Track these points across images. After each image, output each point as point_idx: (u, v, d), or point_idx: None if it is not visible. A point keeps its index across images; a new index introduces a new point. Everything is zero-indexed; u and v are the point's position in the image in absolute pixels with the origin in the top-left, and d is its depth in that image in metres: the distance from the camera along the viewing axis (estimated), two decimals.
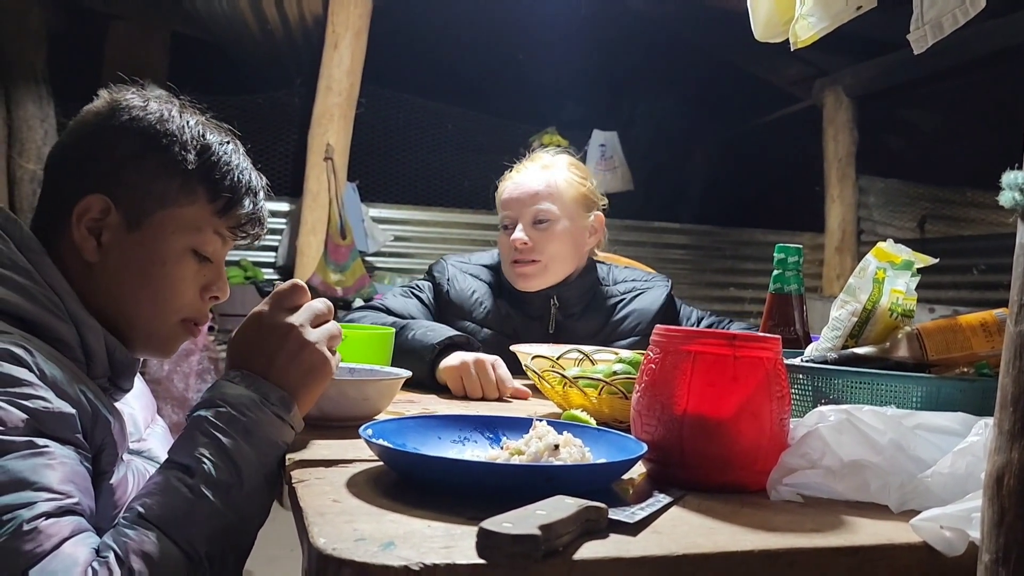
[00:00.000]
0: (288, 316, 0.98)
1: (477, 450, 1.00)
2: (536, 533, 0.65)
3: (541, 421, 0.97)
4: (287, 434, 0.95)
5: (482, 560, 0.65)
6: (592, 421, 1.11)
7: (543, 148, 2.00)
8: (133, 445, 1.12)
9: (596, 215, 1.91)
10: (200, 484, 0.86)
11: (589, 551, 0.70)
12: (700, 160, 7.07)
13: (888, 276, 1.11)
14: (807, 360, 1.11)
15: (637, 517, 0.77)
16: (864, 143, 5.62)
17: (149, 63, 5.08)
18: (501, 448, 0.97)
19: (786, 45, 1.44)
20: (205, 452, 0.88)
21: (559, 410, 1.30)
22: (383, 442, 0.88)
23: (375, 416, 1.17)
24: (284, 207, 5.21)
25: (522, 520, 0.67)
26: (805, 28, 1.31)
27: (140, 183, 1.04)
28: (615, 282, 1.95)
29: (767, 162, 6.67)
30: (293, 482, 0.89)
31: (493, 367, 1.48)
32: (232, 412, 0.91)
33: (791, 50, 1.37)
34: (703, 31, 5.45)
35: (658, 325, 0.97)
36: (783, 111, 6.27)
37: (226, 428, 0.90)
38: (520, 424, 1.02)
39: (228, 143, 1.11)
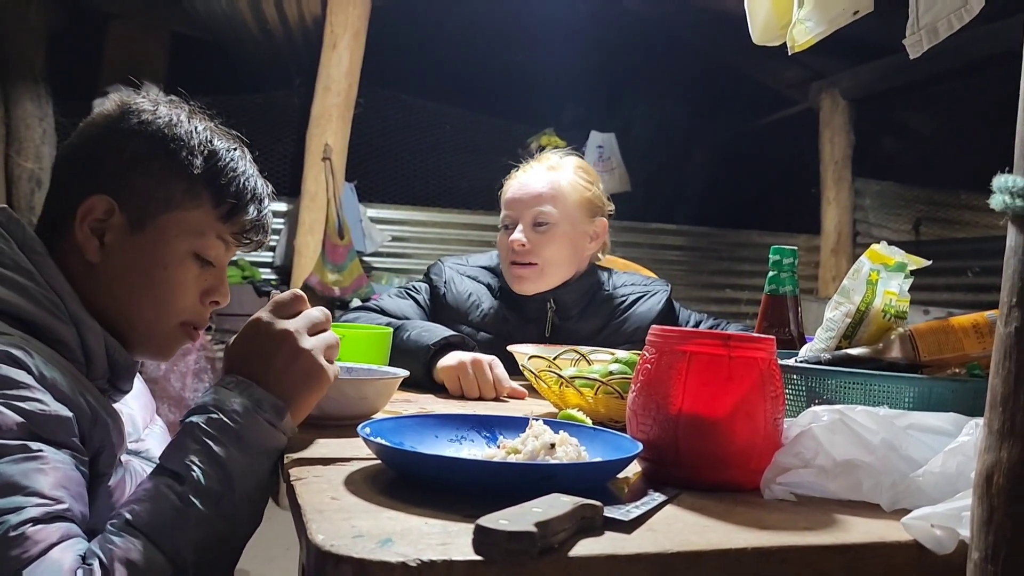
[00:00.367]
0: (285, 323, 0.98)
1: (474, 449, 1.01)
2: (532, 530, 0.66)
3: (537, 420, 0.98)
4: (279, 441, 0.94)
5: (479, 557, 0.66)
6: (588, 421, 1.12)
7: (553, 149, 1.99)
8: (131, 445, 1.12)
9: (600, 220, 1.89)
10: (189, 492, 0.86)
11: (584, 548, 0.71)
12: (697, 162, 7.09)
13: (881, 278, 1.12)
14: (801, 361, 1.12)
15: (632, 515, 0.78)
16: (860, 146, 5.63)
17: (148, 62, 5.09)
18: (498, 447, 0.98)
19: (783, 48, 1.45)
20: (195, 459, 0.88)
21: (556, 410, 1.31)
22: (381, 440, 0.89)
23: (373, 415, 1.18)
24: (282, 207, 5.22)
25: (518, 517, 0.67)
26: (802, 32, 1.32)
27: (146, 186, 1.05)
28: (615, 287, 1.94)
29: (764, 164, 6.69)
30: (292, 480, 0.90)
31: (490, 367, 1.49)
32: (224, 419, 0.90)
33: (788, 54, 1.39)
34: (701, 33, 5.47)
35: (654, 326, 0.98)
36: (780, 113, 6.28)
37: (217, 435, 0.89)
38: (517, 423, 1.03)
39: (235, 149, 1.12)
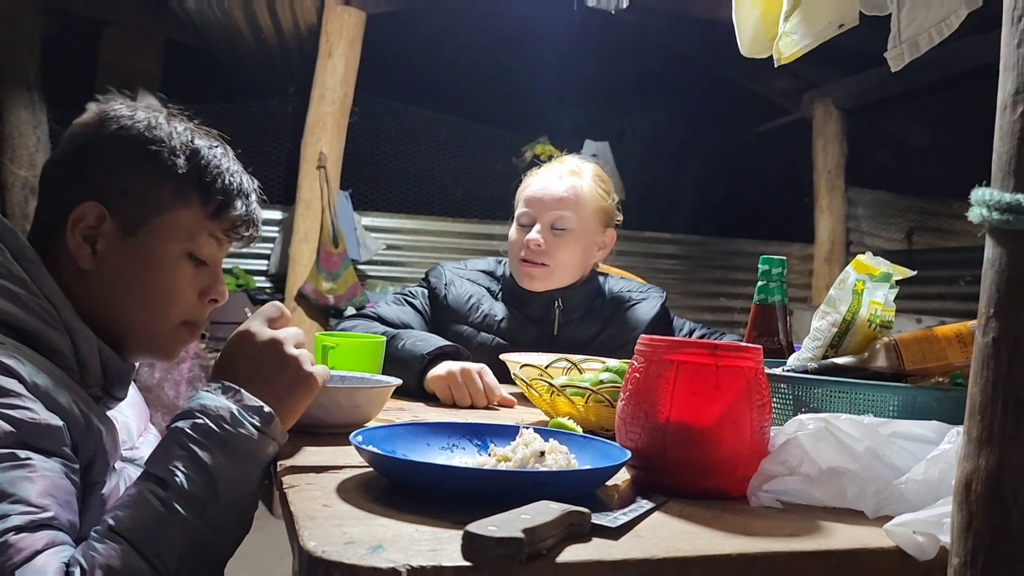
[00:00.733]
0: (273, 332, 0.99)
1: (465, 456, 1.02)
2: (520, 536, 0.67)
3: (528, 428, 0.99)
4: (268, 447, 0.94)
5: (467, 562, 0.67)
6: (578, 429, 1.13)
7: (574, 154, 2.03)
8: (126, 453, 1.12)
9: (610, 231, 1.94)
10: (172, 498, 0.86)
11: (572, 554, 0.72)
12: (691, 170, 7.11)
13: (867, 288, 1.14)
14: (788, 369, 1.13)
15: (619, 522, 0.79)
16: (853, 155, 5.66)
17: (143, 70, 5.10)
18: (489, 455, 0.99)
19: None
20: (179, 465, 0.87)
21: (547, 418, 1.33)
22: (373, 448, 0.90)
23: (365, 423, 1.19)
24: (277, 215, 5.22)
25: (507, 524, 0.69)
26: (788, 45, 1.34)
27: (133, 190, 1.06)
28: (610, 291, 1.97)
29: (757, 173, 6.72)
30: (284, 487, 0.90)
31: (480, 375, 1.50)
32: (209, 424, 0.90)
33: (775, 66, 1.41)
34: (694, 43, 5.50)
35: (643, 336, 0.99)
36: (773, 123, 6.31)
37: (203, 440, 0.89)
38: (508, 431, 1.04)
39: (217, 147, 1.12)
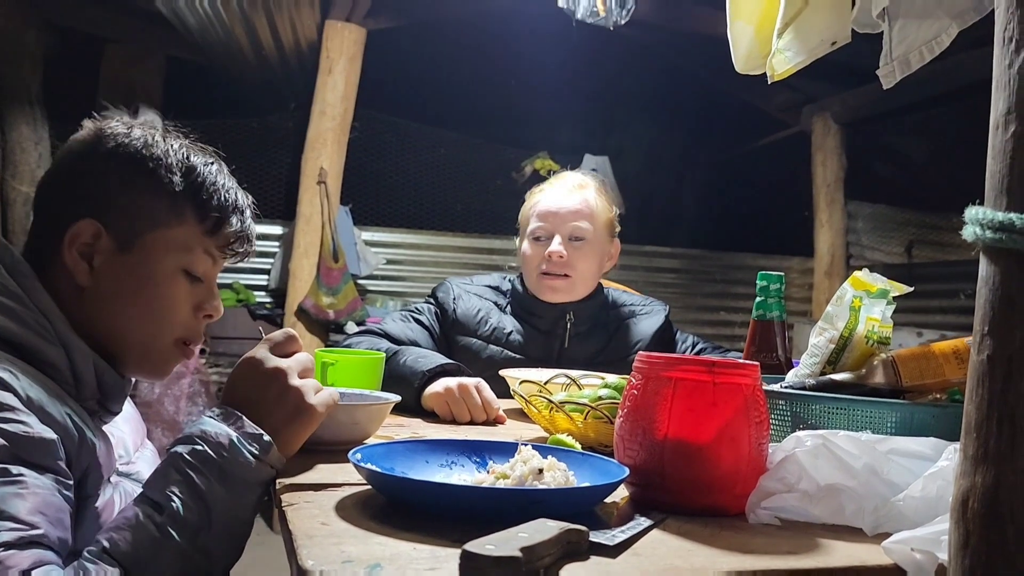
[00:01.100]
0: (278, 361, 1.00)
1: (464, 474, 1.02)
2: (517, 555, 0.67)
3: (526, 445, 0.99)
4: (265, 474, 0.95)
5: None
6: (577, 445, 1.13)
7: (574, 170, 2.07)
8: (122, 468, 1.13)
9: (615, 241, 1.99)
10: (168, 523, 0.87)
11: (570, 573, 0.72)
12: (691, 184, 7.13)
13: (864, 304, 1.14)
14: (786, 386, 1.14)
15: (617, 539, 0.79)
16: (852, 169, 5.67)
17: (144, 86, 5.12)
18: (487, 472, 0.99)
19: None
20: (176, 490, 0.89)
21: (546, 434, 1.33)
22: (371, 466, 0.91)
23: (364, 440, 1.19)
24: (277, 230, 5.23)
25: (504, 542, 0.69)
26: (782, 62, 1.35)
27: (129, 207, 1.06)
28: (614, 305, 2.00)
29: (757, 187, 6.73)
30: (283, 505, 0.91)
31: (477, 389, 1.50)
32: (208, 451, 0.92)
33: (769, 83, 1.42)
34: (693, 58, 5.52)
35: (640, 352, 1.00)
36: (772, 136, 6.33)
37: (200, 467, 0.91)
38: (507, 448, 1.04)
39: (213, 164, 1.13)
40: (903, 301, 1.20)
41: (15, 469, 0.85)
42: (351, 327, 4.59)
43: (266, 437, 0.95)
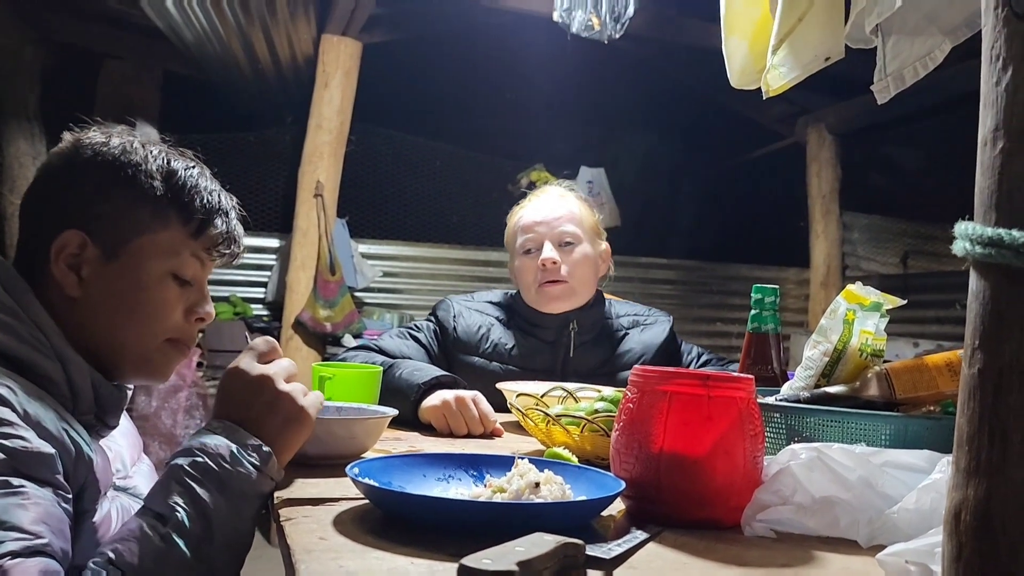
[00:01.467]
0: (262, 368, 1.01)
1: (461, 487, 1.02)
2: (514, 569, 0.67)
3: (523, 459, 1.00)
4: (265, 485, 0.96)
5: None
6: (574, 458, 1.14)
7: (545, 183, 2.08)
8: (119, 482, 1.13)
9: (605, 246, 1.99)
10: (172, 533, 0.87)
11: None
12: (687, 196, 7.15)
13: (858, 317, 1.15)
14: (781, 399, 1.14)
15: (613, 553, 0.80)
16: (847, 180, 5.70)
17: (141, 101, 5.13)
18: (484, 486, 1.00)
19: None
20: (179, 501, 0.90)
21: (543, 447, 1.33)
22: (369, 481, 0.91)
23: (362, 454, 1.20)
24: (274, 243, 5.24)
25: (501, 557, 0.69)
26: (776, 77, 1.36)
27: (112, 214, 1.07)
28: (617, 315, 2.00)
29: (753, 198, 6.75)
30: (281, 520, 0.91)
31: (474, 402, 1.51)
32: (208, 463, 0.92)
33: (763, 98, 1.43)
34: (688, 70, 5.55)
35: (636, 366, 1.00)
36: (768, 148, 6.36)
37: (201, 478, 0.91)
38: (504, 462, 1.05)
39: (194, 167, 1.13)
40: (899, 312, 1.21)
41: (16, 481, 0.86)
42: (348, 340, 4.59)
43: (265, 448, 0.96)
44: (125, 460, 1.19)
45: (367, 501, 0.95)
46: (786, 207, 6.22)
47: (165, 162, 1.10)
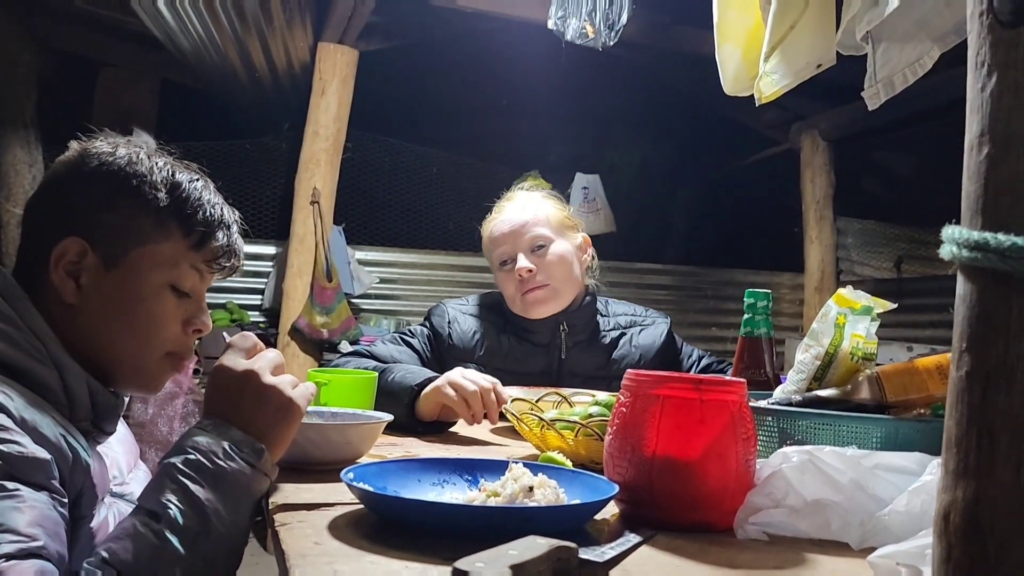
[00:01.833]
0: (246, 364, 1.01)
1: (456, 492, 1.03)
2: (507, 572, 0.68)
3: (517, 463, 1.00)
4: (259, 482, 0.96)
5: None
6: (568, 463, 1.14)
7: (517, 187, 2.07)
8: (116, 488, 1.13)
9: (583, 236, 1.98)
10: (165, 530, 0.87)
11: None
12: (682, 202, 7.17)
13: (849, 321, 1.16)
14: (773, 402, 1.15)
15: (607, 556, 0.80)
16: (841, 185, 5.71)
17: (138, 109, 5.14)
18: (479, 490, 1.00)
19: None
20: (172, 498, 0.90)
21: (537, 452, 1.34)
22: (364, 486, 0.91)
23: (357, 459, 1.20)
24: (270, 250, 5.24)
25: (494, 560, 0.70)
26: (769, 84, 1.37)
27: (114, 224, 1.07)
28: (614, 315, 1.99)
29: (747, 203, 6.77)
30: (276, 525, 0.91)
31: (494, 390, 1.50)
32: (201, 459, 0.92)
33: (756, 104, 1.44)
34: (682, 77, 5.57)
35: (629, 370, 1.01)
36: (762, 154, 6.38)
37: (194, 475, 0.91)
38: (498, 466, 1.05)
39: (198, 180, 1.14)
40: (893, 316, 1.21)
41: (11, 485, 0.86)
42: (345, 346, 4.59)
43: (258, 444, 0.96)
44: (122, 467, 1.20)
45: (362, 506, 0.95)
46: (780, 212, 6.23)
47: (170, 174, 1.11)
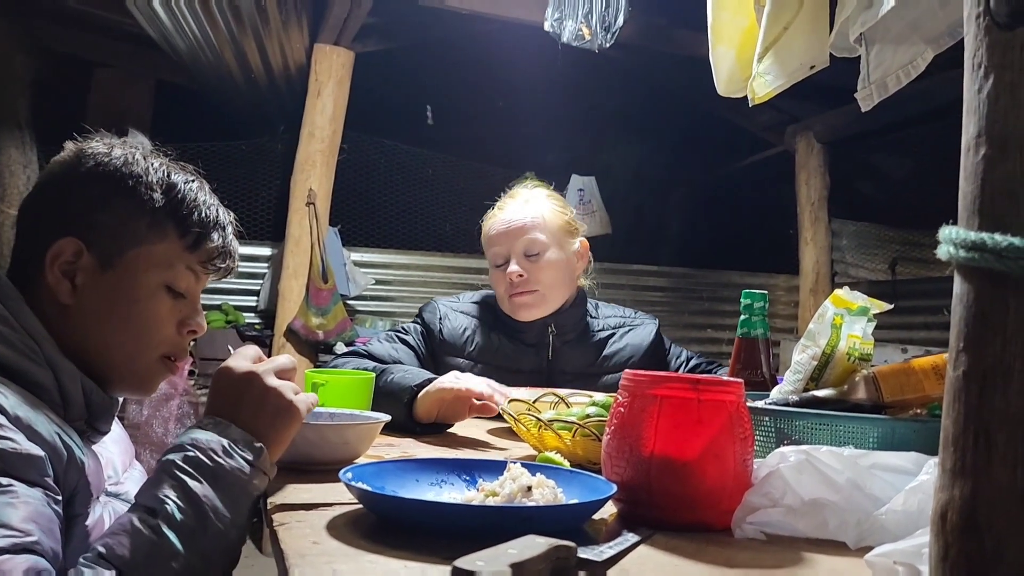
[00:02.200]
0: (250, 366, 1.02)
1: (454, 492, 1.03)
2: (506, 571, 0.68)
3: (515, 463, 1.01)
4: (258, 480, 0.96)
5: None
6: (566, 463, 1.15)
7: (521, 184, 2.07)
8: (111, 488, 1.13)
9: (581, 241, 1.98)
10: (162, 525, 0.87)
11: None
12: (677, 203, 7.18)
13: (845, 322, 1.16)
14: (770, 403, 1.15)
15: (605, 555, 0.80)
16: (836, 187, 5.73)
17: (133, 110, 5.13)
18: (477, 490, 1.00)
19: None
20: (170, 495, 0.90)
21: (535, 452, 1.34)
22: (362, 485, 0.91)
23: (355, 460, 1.20)
24: (266, 251, 5.24)
25: (493, 559, 0.70)
26: (762, 85, 1.38)
27: (110, 224, 1.07)
28: (603, 316, 2.00)
29: (743, 205, 6.79)
30: (274, 525, 0.91)
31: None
32: (200, 456, 0.93)
33: (750, 105, 1.45)
34: (677, 79, 5.58)
35: (627, 371, 1.01)
36: (757, 156, 6.40)
37: (193, 472, 0.92)
38: (496, 466, 1.05)
39: (194, 181, 1.14)
40: (888, 317, 1.22)
41: (5, 480, 0.86)
42: (340, 348, 4.58)
43: (257, 443, 0.96)
44: (117, 466, 1.20)
45: (360, 506, 0.95)
46: (775, 214, 6.25)
47: (165, 175, 1.11)
